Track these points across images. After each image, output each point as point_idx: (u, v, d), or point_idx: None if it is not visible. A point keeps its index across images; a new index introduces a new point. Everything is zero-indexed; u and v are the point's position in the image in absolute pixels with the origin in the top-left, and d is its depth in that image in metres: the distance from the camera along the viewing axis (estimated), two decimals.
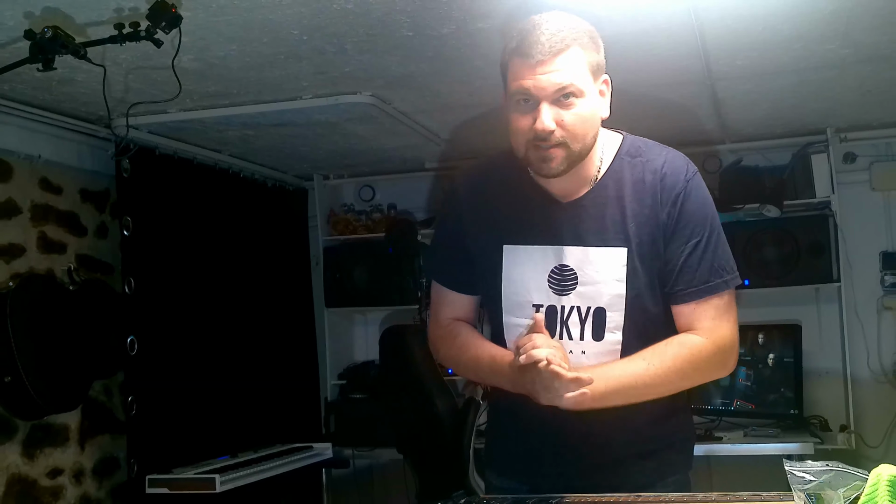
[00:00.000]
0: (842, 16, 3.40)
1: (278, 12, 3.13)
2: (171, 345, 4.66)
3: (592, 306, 2.26)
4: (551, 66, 2.10)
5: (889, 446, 5.35)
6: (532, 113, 2.13)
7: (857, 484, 1.57)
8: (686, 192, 2.29)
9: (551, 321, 2.27)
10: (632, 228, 2.25)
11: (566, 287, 2.27)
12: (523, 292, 2.32)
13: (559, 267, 2.28)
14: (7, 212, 4.22)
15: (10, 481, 4.13)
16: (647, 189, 2.28)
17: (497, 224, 2.36)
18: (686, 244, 2.26)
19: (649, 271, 2.26)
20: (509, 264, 2.33)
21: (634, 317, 2.27)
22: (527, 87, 2.11)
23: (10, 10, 2.99)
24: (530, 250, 2.31)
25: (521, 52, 2.12)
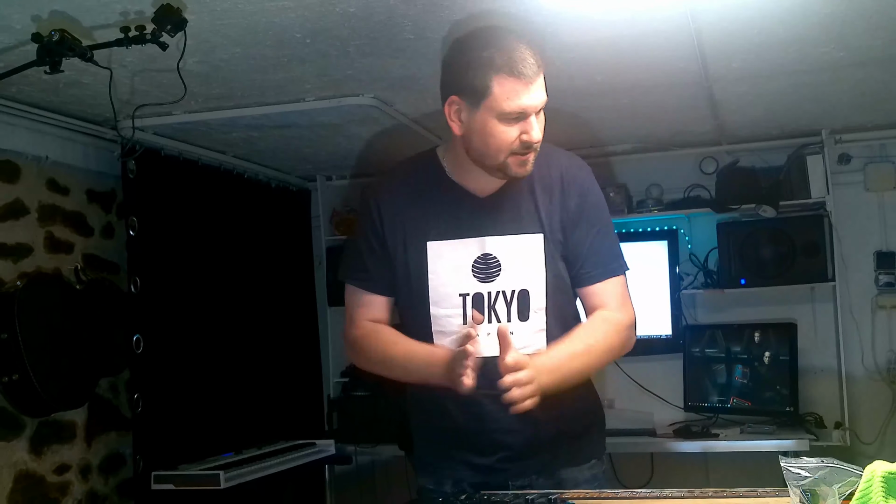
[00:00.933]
0: (836, 19, 3.40)
1: (282, 16, 3.13)
2: (177, 343, 4.67)
3: (517, 289, 2.43)
4: (538, 85, 2.29)
5: (883, 443, 5.35)
6: (519, 125, 2.30)
7: (851, 480, 1.57)
8: (588, 187, 2.52)
9: (479, 306, 2.42)
10: (544, 217, 2.45)
11: (491, 274, 2.43)
12: (450, 284, 2.44)
13: (482, 256, 2.43)
14: (15, 212, 4.22)
15: (18, 477, 4.13)
16: (553, 183, 2.48)
17: (419, 223, 2.48)
18: (592, 231, 2.49)
19: (562, 255, 2.47)
20: (435, 260, 2.45)
21: (554, 296, 2.46)
22: (524, 105, 2.27)
23: (18, 14, 2.99)
24: (454, 244, 2.45)
25: (513, 71, 2.25)
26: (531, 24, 3.32)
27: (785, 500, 1.74)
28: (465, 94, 2.32)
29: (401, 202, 2.52)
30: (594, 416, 2.64)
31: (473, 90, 2.30)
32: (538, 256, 2.43)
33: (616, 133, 5.29)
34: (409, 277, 2.48)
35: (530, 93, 2.26)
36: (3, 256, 4.13)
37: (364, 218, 2.59)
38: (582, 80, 4.09)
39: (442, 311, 2.45)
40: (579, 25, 3.35)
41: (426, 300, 2.46)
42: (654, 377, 5.64)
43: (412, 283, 2.48)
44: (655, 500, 2.03)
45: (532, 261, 2.43)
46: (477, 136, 2.35)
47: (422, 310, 2.47)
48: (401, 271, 2.50)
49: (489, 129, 2.31)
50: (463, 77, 2.31)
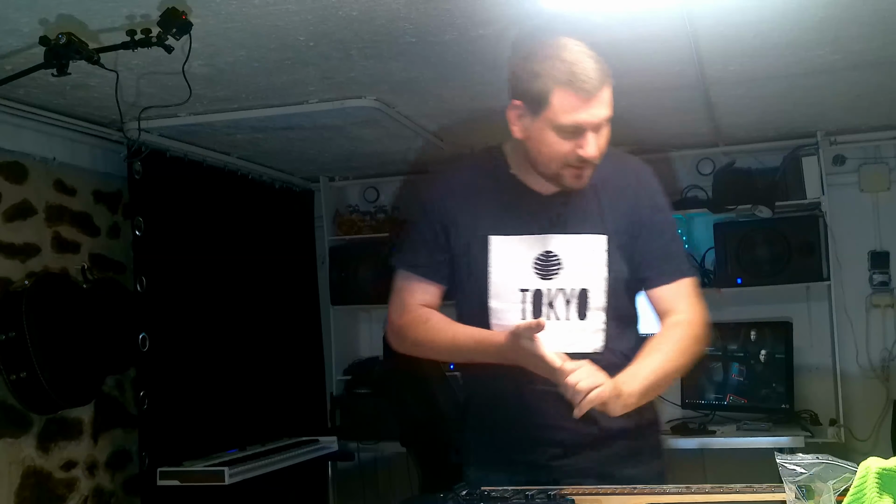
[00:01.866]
0: (831, 23, 3.40)
1: (285, 19, 3.14)
2: (182, 341, 4.67)
3: (576, 288, 2.40)
4: (600, 101, 2.24)
5: (877, 440, 5.35)
6: (574, 140, 2.25)
7: (846, 476, 1.57)
8: (656, 193, 2.51)
9: (538, 303, 2.40)
10: (609, 219, 2.42)
11: (551, 272, 2.40)
12: (511, 279, 2.41)
13: (544, 254, 2.40)
14: (22, 212, 4.23)
15: (26, 473, 4.14)
16: (621, 187, 2.45)
17: (482, 218, 2.46)
18: (662, 236, 2.47)
19: (625, 258, 2.43)
20: (496, 254, 2.43)
21: (614, 298, 2.42)
22: (581, 121, 2.23)
23: (26, 17, 3.00)
24: (516, 240, 2.42)
25: (574, 85, 2.20)
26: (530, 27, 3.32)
27: (780, 495, 1.74)
28: (526, 100, 2.29)
29: (464, 195, 2.50)
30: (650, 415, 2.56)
31: (533, 98, 2.26)
32: (600, 257, 2.40)
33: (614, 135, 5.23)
34: (470, 270, 2.46)
35: (589, 108, 2.22)
36: (11, 256, 4.14)
37: (425, 206, 2.56)
38: None
39: (501, 305, 2.42)
40: (577, 29, 3.32)
41: (485, 294, 2.43)
42: None
43: (473, 276, 2.46)
44: (653, 495, 2.03)
45: (593, 261, 2.40)
46: (533, 144, 2.32)
47: (481, 302, 2.45)
48: (461, 264, 2.48)
49: (545, 139, 2.28)
50: (525, 84, 2.28)
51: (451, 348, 2.48)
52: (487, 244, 2.43)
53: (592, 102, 2.22)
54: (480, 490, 2.14)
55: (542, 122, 2.27)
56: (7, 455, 4.05)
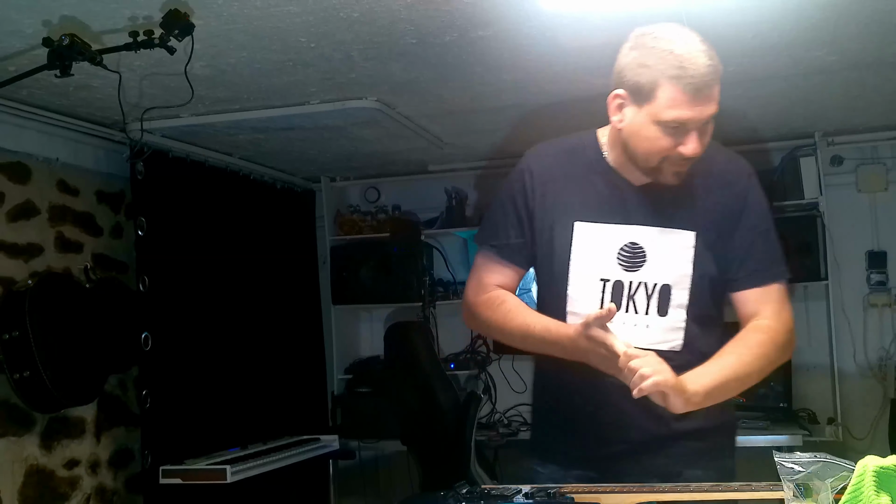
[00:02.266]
0: (828, 24, 3.40)
1: (287, 21, 3.14)
2: (184, 341, 4.67)
3: (659, 283, 2.31)
4: (708, 100, 2.14)
5: (875, 438, 5.35)
6: (678, 136, 2.16)
7: (844, 475, 1.57)
8: (750, 187, 2.39)
9: (618, 295, 2.32)
10: (699, 214, 2.32)
11: (635, 264, 2.32)
12: (592, 267, 2.34)
13: (630, 245, 2.32)
14: (26, 213, 4.23)
15: (29, 472, 4.14)
16: (714, 183, 2.35)
17: (570, 202, 2.38)
18: (753, 234, 2.35)
19: (713, 257, 2.33)
20: (580, 241, 2.35)
21: (697, 297, 2.32)
22: (685, 118, 2.13)
23: (30, 19, 3.00)
24: (602, 228, 2.34)
25: (683, 81, 2.11)
26: (530, 29, 3.32)
27: (779, 494, 1.74)
28: (631, 91, 2.20)
29: (555, 177, 2.42)
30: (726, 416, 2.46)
31: (639, 90, 2.18)
32: (687, 253, 2.31)
33: None
34: (552, 255, 2.39)
35: (695, 105, 2.11)
36: (14, 256, 4.14)
37: (513, 186, 2.48)
38: (580, 83, 4.09)
39: (579, 293, 2.35)
40: (577, 29, 3.36)
41: (565, 280, 2.36)
42: None
43: (554, 260, 2.38)
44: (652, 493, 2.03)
45: (680, 257, 2.31)
46: (634, 136, 2.23)
47: (559, 289, 2.38)
48: (544, 247, 2.42)
49: (646, 132, 2.19)
50: (631, 74, 2.19)
51: (521, 335, 2.40)
52: (572, 230, 2.36)
53: (699, 99, 2.12)
54: (480, 488, 2.14)
55: (644, 115, 2.18)
56: (10, 453, 4.05)
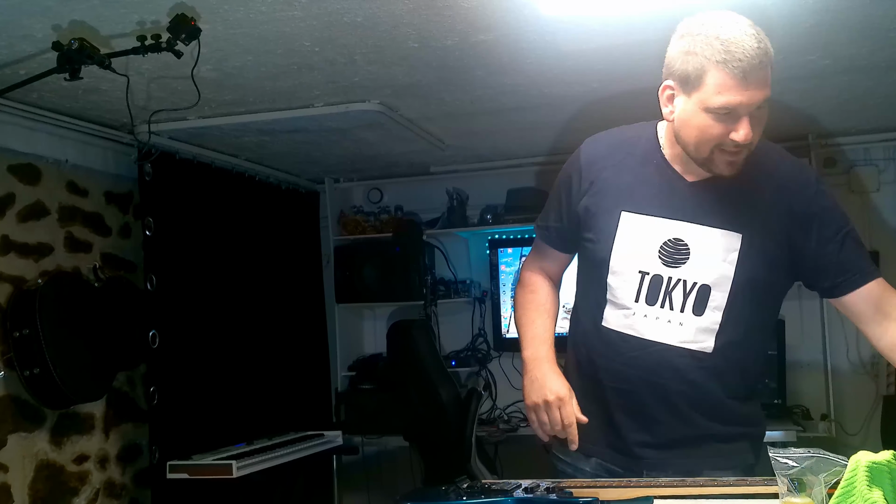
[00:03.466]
0: (822, 29, 3.40)
1: (292, 25, 3.14)
2: (191, 338, 4.67)
3: (698, 282, 2.24)
4: (758, 84, 2.07)
5: (867, 434, 5.35)
6: (729, 123, 2.09)
7: (837, 470, 1.57)
8: (819, 191, 2.26)
9: (655, 290, 2.26)
10: (751, 218, 2.23)
11: (677, 260, 2.25)
12: (633, 258, 2.29)
13: (673, 240, 2.26)
14: (36, 213, 4.23)
15: (39, 466, 4.14)
16: (775, 188, 2.25)
17: (620, 190, 2.34)
18: (836, 237, 2.23)
19: (764, 263, 2.24)
20: (624, 230, 2.30)
21: (737, 300, 2.23)
22: (735, 103, 2.06)
23: (39, 24, 3.00)
24: (648, 220, 2.29)
25: (728, 65, 2.04)
26: (529, 33, 3.32)
27: (773, 488, 1.74)
28: (680, 80, 2.15)
29: (607, 165, 2.37)
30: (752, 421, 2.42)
31: (687, 78, 2.12)
32: (731, 255, 2.21)
33: None
34: (597, 241, 2.35)
35: (745, 90, 2.04)
36: (24, 255, 4.14)
37: (567, 172, 2.45)
38: (579, 87, 4.09)
39: (618, 281, 2.30)
40: (577, 34, 3.35)
41: (606, 267, 2.32)
42: None
43: (598, 247, 2.34)
44: (650, 488, 2.02)
45: (723, 258, 2.22)
46: (685, 127, 2.17)
47: (600, 276, 2.34)
48: (590, 233, 2.37)
49: (696, 121, 2.13)
50: (680, 63, 2.14)
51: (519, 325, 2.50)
52: (618, 219, 2.31)
53: (749, 83, 2.04)
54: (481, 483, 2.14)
55: (694, 103, 2.12)
56: (21, 449, 4.05)
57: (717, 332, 2.24)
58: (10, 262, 4.06)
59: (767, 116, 2.13)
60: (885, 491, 1.47)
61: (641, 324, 2.27)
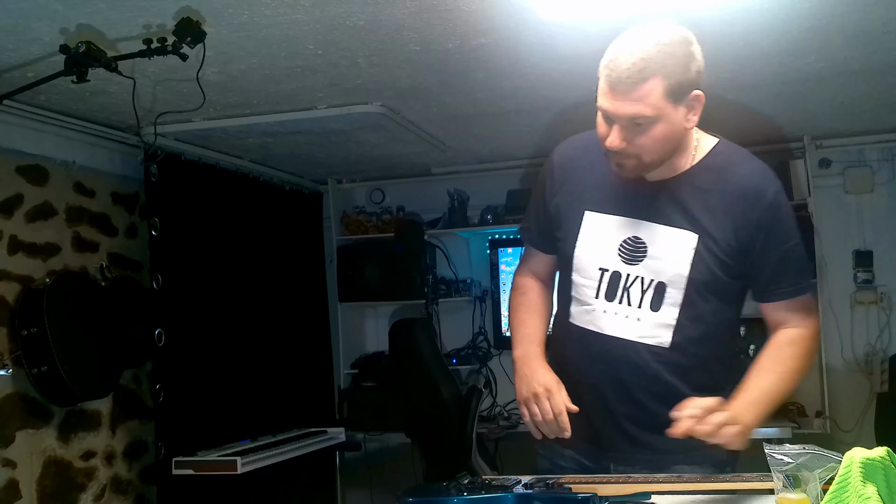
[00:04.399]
0: (818, 33, 3.40)
1: (295, 28, 3.14)
2: (196, 337, 4.67)
3: (655, 279, 2.27)
4: (627, 97, 2.09)
5: (861, 431, 5.35)
6: (608, 126, 2.16)
7: (831, 466, 1.57)
8: (776, 202, 2.28)
9: (614, 286, 2.30)
10: (707, 220, 2.26)
11: (635, 257, 2.29)
12: (594, 255, 2.34)
13: (632, 238, 2.30)
14: (44, 213, 4.23)
15: (47, 463, 4.14)
16: (733, 190, 2.27)
17: (585, 191, 2.38)
18: (778, 248, 2.27)
19: (718, 264, 2.26)
20: (587, 229, 2.35)
21: (692, 298, 2.27)
22: (605, 108, 2.13)
23: (47, 27, 3.00)
24: (609, 219, 2.33)
25: (607, 72, 2.12)
26: (529, 37, 3.32)
27: (769, 484, 1.74)
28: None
29: (579, 166, 2.42)
30: None
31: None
32: (686, 254, 2.25)
33: None
34: (564, 240, 2.41)
35: (614, 100, 2.10)
36: (32, 255, 4.14)
37: (543, 179, 2.51)
38: (578, 90, 4.08)
39: (580, 279, 2.36)
40: (574, 38, 3.35)
41: (570, 265, 2.38)
42: None
43: (565, 245, 2.40)
44: (648, 484, 2.03)
45: (679, 256, 2.25)
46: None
47: (567, 273, 2.41)
48: (559, 232, 2.43)
49: (597, 122, 2.22)
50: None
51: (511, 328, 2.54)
52: (582, 217, 2.36)
53: (616, 94, 2.10)
54: (482, 479, 2.14)
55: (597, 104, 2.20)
56: (29, 445, 4.05)
57: (675, 328, 2.27)
58: (18, 261, 4.06)
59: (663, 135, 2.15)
60: (878, 487, 1.47)
61: (602, 320, 2.31)
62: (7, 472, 3.93)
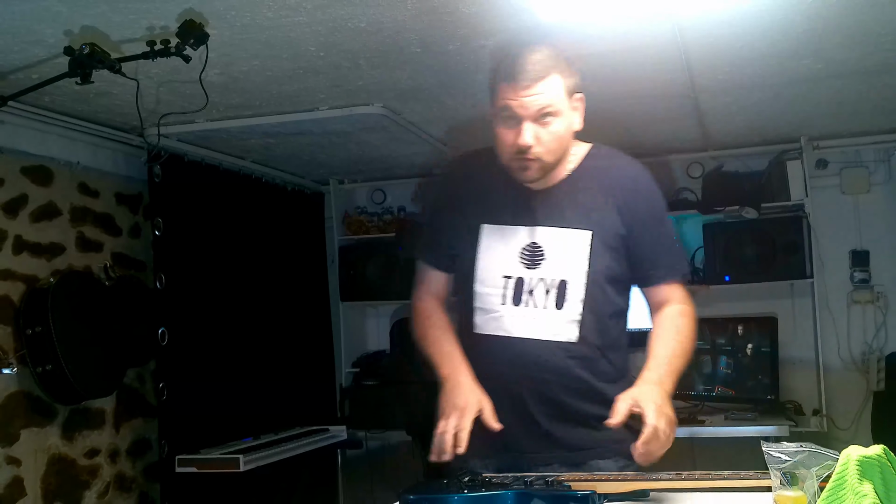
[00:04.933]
0: (814, 34, 3.40)
1: (297, 30, 3.14)
2: (199, 336, 4.67)
3: (557, 279, 2.39)
4: (533, 90, 2.26)
5: (858, 429, 5.35)
6: (515, 129, 2.30)
7: (828, 463, 1.57)
8: (650, 193, 2.48)
9: (519, 291, 2.41)
10: (596, 216, 2.41)
11: (535, 261, 2.41)
12: (496, 265, 2.44)
13: (530, 244, 2.42)
14: (49, 214, 4.23)
15: (51, 460, 4.14)
16: (612, 187, 2.44)
17: (478, 208, 2.49)
18: (655, 235, 2.46)
19: (611, 255, 2.41)
20: (486, 241, 2.46)
21: (593, 291, 2.39)
22: (512, 106, 2.27)
23: (51, 29, 3.00)
24: (505, 230, 2.44)
25: (508, 76, 2.28)
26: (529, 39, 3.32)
27: (766, 482, 1.74)
28: (490, 99, 2.38)
29: (467, 187, 2.54)
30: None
31: (491, 97, 2.36)
32: (582, 251, 2.39)
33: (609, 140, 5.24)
34: (464, 256, 2.49)
35: (522, 97, 2.26)
36: (37, 255, 4.14)
37: (435, 199, 2.63)
38: None
39: (484, 289, 2.44)
40: (575, 40, 3.35)
41: (472, 277, 2.46)
42: None
43: (465, 261, 2.49)
44: (645, 482, 2.03)
45: (575, 254, 2.39)
46: (493, 138, 2.39)
47: (469, 286, 2.48)
48: (458, 250, 2.52)
49: (495, 132, 2.36)
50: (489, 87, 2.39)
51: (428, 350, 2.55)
52: (479, 232, 2.46)
53: (525, 92, 2.26)
54: (482, 476, 2.14)
55: (494, 115, 2.35)
56: (34, 443, 4.05)
57: (580, 323, 2.39)
58: (23, 261, 4.06)
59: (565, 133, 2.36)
60: (874, 484, 1.47)
61: (510, 324, 2.40)
62: (12, 469, 3.93)
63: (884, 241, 5.48)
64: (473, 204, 2.50)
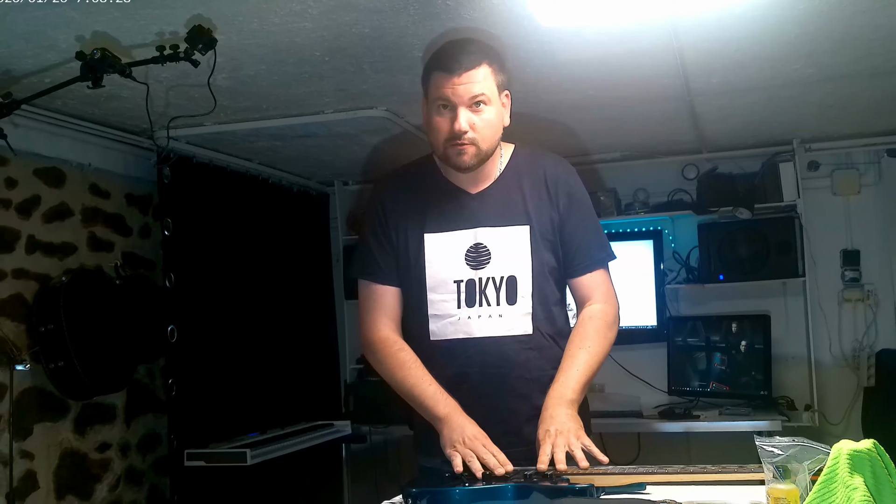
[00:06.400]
0: (807, 39, 3.40)
1: (303, 36, 3.14)
2: (208, 333, 4.67)
3: (505, 276, 2.43)
4: (467, 79, 2.31)
5: (849, 424, 5.35)
6: (450, 116, 2.33)
7: (820, 458, 1.57)
8: (574, 186, 2.53)
9: (471, 292, 2.44)
10: (531, 211, 2.46)
11: (481, 262, 2.44)
12: (445, 271, 2.46)
13: (474, 246, 2.45)
14: (61, 214, 4.24)
15: (63, 454, 4.15)
16: (540, 182, 2.50)
17: (417, 218, 2.51)
18: (580, 227, 2.50)
19: (548, 247, 2.47)
20: (431, 250, 2.47)
21: (539, 283, 2.45)
22: (447, 94, 2.31)
23: (63, 34, 3.00)
24: (448, 235, 2.47)
25: (442, 66, 2.33)
26: (529, 44, 3.32)
27: (759, 475, 1.74)
28: (424, 93, 2.42)
29: (402, 200, 2.54)
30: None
31: (425, 88, 2.41)
32: (524, 246, 2.44)
33: (606, 142, 5.28)
34: (410, 267, 2.49)
35: (456, 85, 2.30)
36: (50, 254, 4.15)
37: (371, 217, 2.59)
38: (576, 94, 4.09)
39: (438, 296, 2.45)
40: (573, 44, 3.35)
41: (424, 286, 2.46)
42: (640, 364, 5.63)
43: (412, 271, 2.49)
44: (642, 475, 2.03)
45: (519, 250, 2.44)
46: (427, 129, 2.43)
47: (420, 295, 2.47)
48: (403, 262, 2.51)
49: (430, 121, 2.39)
50: (422, 79, 2.43)
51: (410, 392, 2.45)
52: (423, 242, 2.47)
53: (459, 79, 2.30)
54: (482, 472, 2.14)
55: (428, 106, 2.40)
56: (46, 438, 4.06)
57: (532, 315, 2.44)
58: (36, 260, 4.07)
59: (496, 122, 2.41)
60: (865, 478, 1.47)
61: (469, 325, 2.43)
62: (25, 463, 3.94)
63: (874, 240, 5.48)
64: (413, 216, 2.50)
